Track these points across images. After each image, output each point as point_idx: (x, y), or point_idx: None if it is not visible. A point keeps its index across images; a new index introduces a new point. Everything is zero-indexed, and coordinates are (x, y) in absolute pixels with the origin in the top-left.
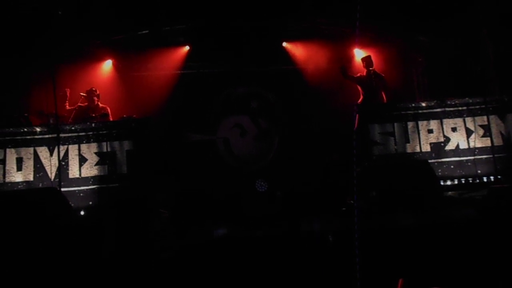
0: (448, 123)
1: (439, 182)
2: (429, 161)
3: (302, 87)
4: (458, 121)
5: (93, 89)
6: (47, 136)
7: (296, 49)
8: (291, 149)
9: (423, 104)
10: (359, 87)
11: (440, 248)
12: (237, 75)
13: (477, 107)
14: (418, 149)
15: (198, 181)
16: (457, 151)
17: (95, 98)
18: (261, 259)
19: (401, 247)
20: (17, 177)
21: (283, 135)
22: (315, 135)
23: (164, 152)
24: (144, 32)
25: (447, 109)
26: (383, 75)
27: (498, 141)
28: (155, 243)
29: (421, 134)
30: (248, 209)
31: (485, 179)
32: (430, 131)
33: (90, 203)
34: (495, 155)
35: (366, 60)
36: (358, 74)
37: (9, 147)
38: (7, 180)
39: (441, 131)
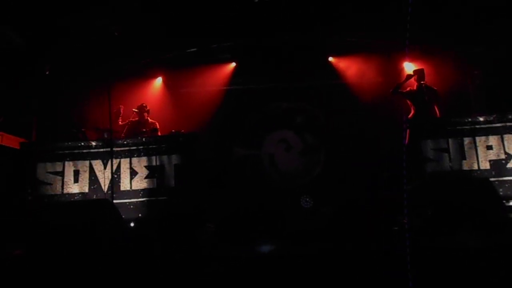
0: (510, 139)
1: (503, 202)
2: (489, 179)
3: (348, 101)
4: None
5: (144, 104)
6: (101, 150)
7: (342, 64)
8: (338, 165)
9: (481, 119)
10: (409, 102)
11: (505, 273)
12: (282, 90)
13: None
14: (475, 167)
15: (243, 196)
16: None
17: (145, 114)
18: (304, 277)
19: (460, 270)
20: (74, 188)
21: (329, 150)
22: (363, 150)
23: (211, 167)
24: (192, 50)
25: (508, 124)
26: (436, 88)
27: None
28: (200, 257)
29: (479, 151)
30: (292, 225)
31: None
32: (489, 147)
33: (140, 215)
34: None
35: (418, 73)
36: (408, 88)
37: (67, 160)
38: (65, 191)
39: (502, 147)
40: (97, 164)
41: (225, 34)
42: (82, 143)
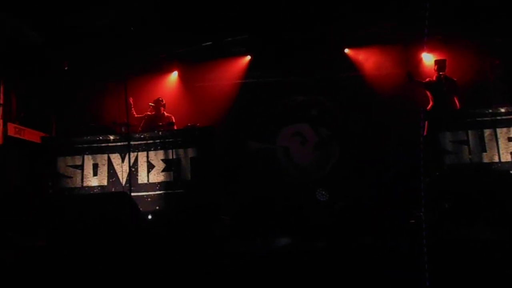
0: None
1: None
2: (511, 172)
3: (365, 94)
4: None
5: (160, 99)
6: (119, 144)
7: (359, 56)
8: (354, 158)
9: (502, 110)
10: (428, 93)
11: None
12: (297, 83)
13: None
14: (496, 159)
15: (259, 189)
16: None
17: (162, 108)
18: (318, 270)
19: (475, 263)
20: (93, 181)
21: (345, 143)
22: (380, 143)
23: (226, 160)
24: (207, 43)
25: None
26: (455, 79)
27: None
28: (215, 249)
29: (500, 143)
30: (308, 218)
31: None
32: (510, 139)
33: (157, 207)
34: None
35: (439, 64)
36: (427, 79)
37: (86, 154)
38: (84, 184)
39: None
40: (115, 158)
41: (240, 28)
42: (101, 137)
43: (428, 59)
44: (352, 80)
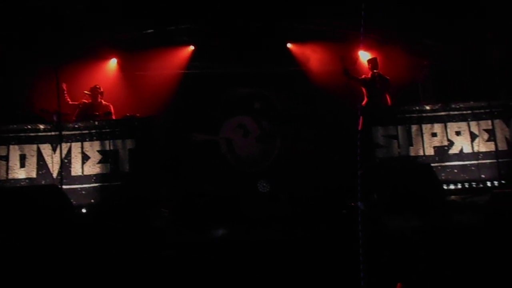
0: (452, 126)
1: (442, 186)
2: (433, 164)
3: (306, 89)
4: (463, 125)
5: (97, 86)
6: (50, 133)
7: (300, 51)
8: (294, 151)
9: (427, 107)
10: (363, 89)
11: (441, 252)
12: (241, 75)
13: (482, 111)
14: (421, 153)
15: (200, 181)
16: (461, 155)
17: (99, 96)
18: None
19: (401, 251)
20: (20, 173)
21: (286, 136)
22: (319, 137)
23: (167, 152)
24: (149, 31)
25: (451, 112)
26: (388, 77)
27: (502, 146)
28: (155, 241)
29: (424, 138)
30: (249, 210)
31: (488, 183)
32: (434, 135)
33: (92, 201)
34: (499, 160)
35: (372, 62)
36: (363, 76)
37: (12, 144)
38: (10, 176)
39: (445, 134)
40: (46, 149)
41: (184, 16)
42: (29, 126)
43: (365, 57)
44: (293, 74)
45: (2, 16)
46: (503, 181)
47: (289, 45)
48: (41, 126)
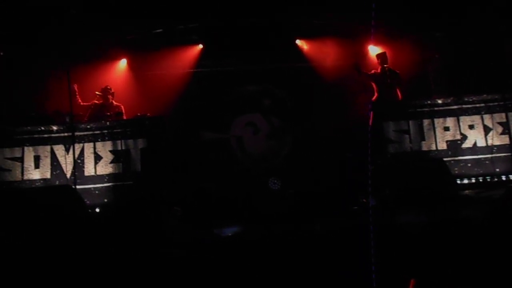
0: (465, 120)
1: (455, 181)
2: (445, 159)
3: (315, 84)
4: (476, 118)
5: (108, 87)
6: (63, 134)
7: (309, 47)
8: (305, 147)
9: (439, 101)
10: (373, 84)
11: (454, 247)
12: (250, 73)
13: (496, 104)
14: (434, 147)
15: (212, 179)
16: (474, 149)
17: (110, 96)
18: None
19: (413, 246)
20: (35, 174)
21: (296, 132)
22: (329, 133)
23: (178, 151)
24: (158, 31)
25: (464, 106)
26: (398, 71)
27: None
28: (167, 240)
29: (437, 132)
30: (260, 207)
31: (503, 177)
32: (446, 129)
33: (105, 200)
34: None
35: (381, 57)
36: (373, 71)
37: (26, 145)
38: (25, 177)
39: (457, 128)
40: (59, 149)
41: (192, 15)
42: (43, 128)
43: (374, 51)
44: (303, 70)
45: (10, 18)
46: None
47: (298, 41)
48: (54, 128)
